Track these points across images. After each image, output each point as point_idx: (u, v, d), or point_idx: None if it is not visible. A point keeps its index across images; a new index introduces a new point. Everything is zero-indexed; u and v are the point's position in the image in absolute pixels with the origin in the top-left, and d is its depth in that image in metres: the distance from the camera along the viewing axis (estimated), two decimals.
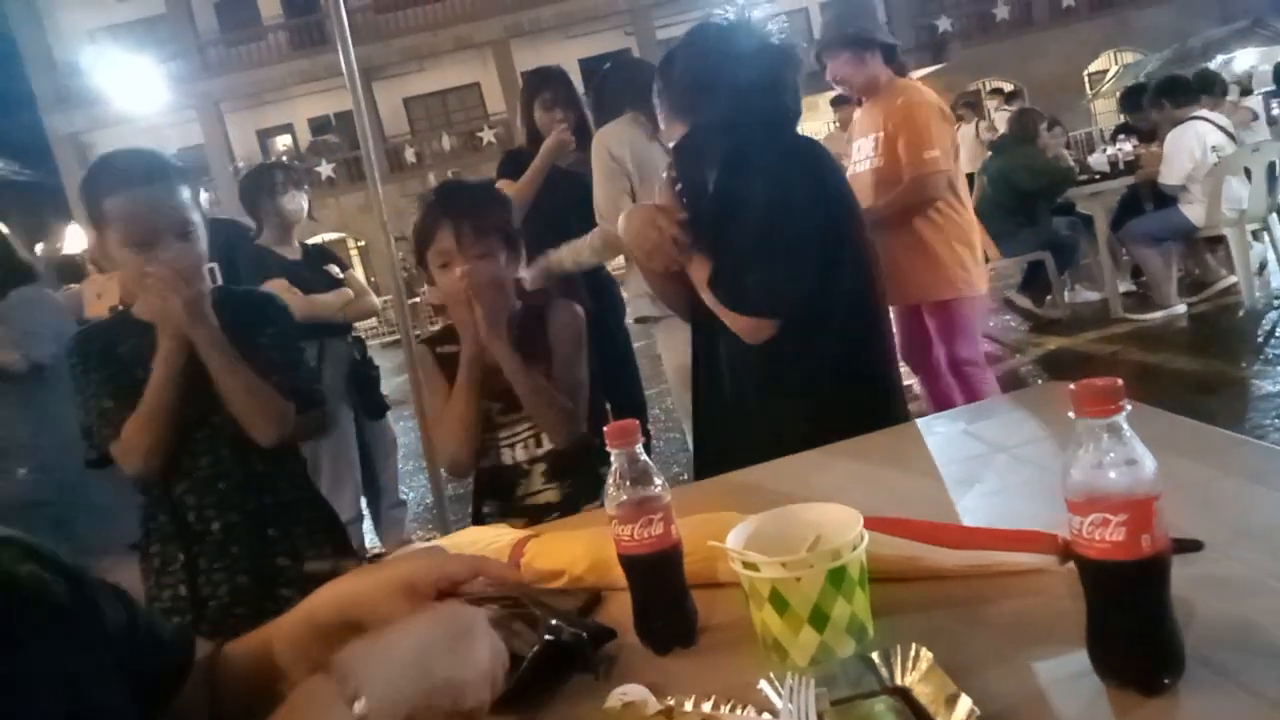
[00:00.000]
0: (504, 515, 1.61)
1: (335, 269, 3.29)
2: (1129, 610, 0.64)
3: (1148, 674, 0.64)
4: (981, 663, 0.72)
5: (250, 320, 1.64)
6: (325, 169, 20.40)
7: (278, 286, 2.81)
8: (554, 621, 0.84)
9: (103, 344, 1.61)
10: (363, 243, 12.51)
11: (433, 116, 22.69)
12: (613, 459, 0.85)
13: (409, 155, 21.04)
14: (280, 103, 21.76)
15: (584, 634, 0.85)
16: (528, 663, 0.81)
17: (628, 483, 0.84)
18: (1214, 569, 0.78)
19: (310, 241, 3.50)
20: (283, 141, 22.89)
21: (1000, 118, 13.64)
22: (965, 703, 0.64)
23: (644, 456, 0.85)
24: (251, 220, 3.25)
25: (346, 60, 2.95)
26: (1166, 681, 0.63)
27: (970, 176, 7.85)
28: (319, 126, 22.36)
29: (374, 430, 3.39)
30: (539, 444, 1.63)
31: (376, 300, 3.56)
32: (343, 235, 19.06)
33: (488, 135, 21.11)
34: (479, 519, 1.65)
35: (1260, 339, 4.63)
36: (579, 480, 1.64)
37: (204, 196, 1.85)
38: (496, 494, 1.66)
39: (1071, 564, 0.70)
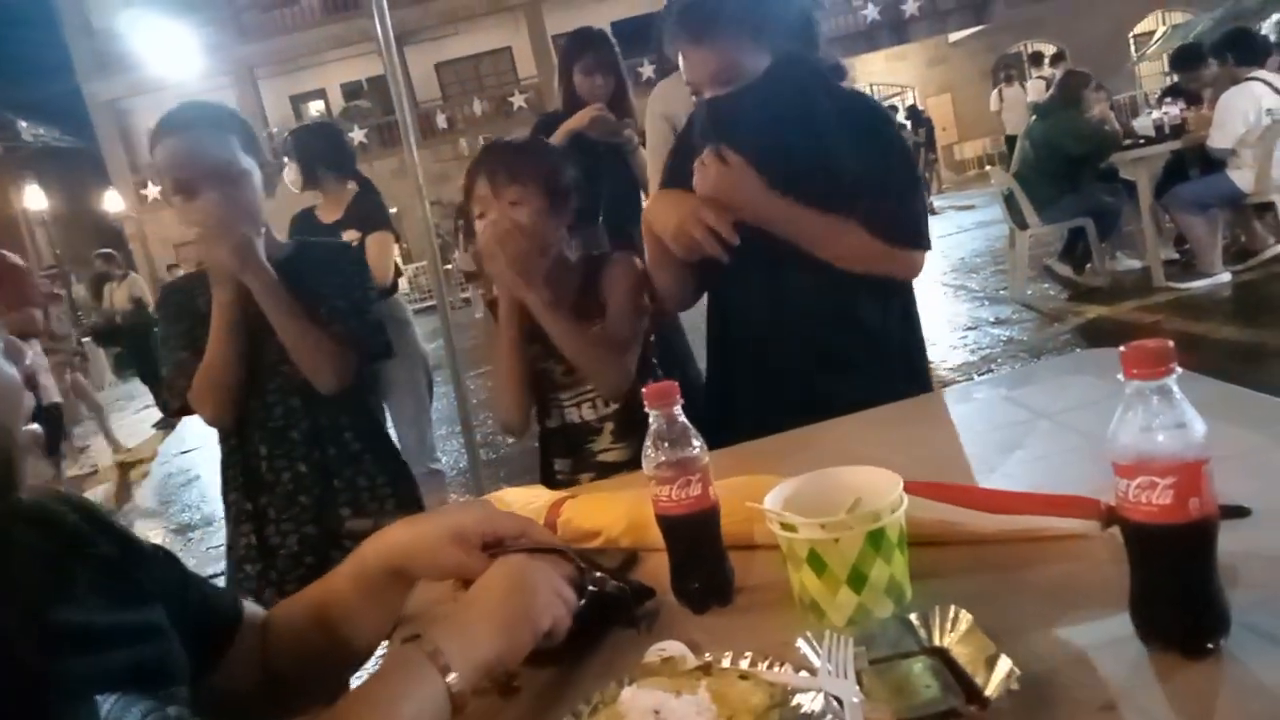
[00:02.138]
0: (575, 473, 1.62)
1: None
2: (1174, 574, 0.64)
3: (1192, 637, 0.64)
4: (1022, 626, 0.72)
5: (321, 270, 1.66)
6: (358, 134, 20.46)
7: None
8: (598, 574, 0.85)
9: (183, 296, 1.66)
10: (395, 209, 12.60)
11: (464, 81, 22.62)
12: (651, 419, 0.85)
13: (440, 120, 21.00)
14: (313, 68, 21.80)
15: (626, 588, 0.86)
16: (574, 614, 0.82)
17: (666, 444, 0.84)
18: (1261, 536, 0.77)
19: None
20: (315, 107, 22.96)
21: (1035, 85, 13.36)
22: (1005, 663, 0.64)
23: (683, 418, 0.85)
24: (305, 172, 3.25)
25: (382, 24, 2.95)
26: (1210, 646, 0.63)
27: (1012, 140, 7.67)
28: (351, 92, 22.39)
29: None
30: (607, 403, 1.62)
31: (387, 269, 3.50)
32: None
33: (519, 100, 21.01)
34: (548, 478, 1.65)
35: None
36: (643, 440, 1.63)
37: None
38: (568, 452, 1.66)
39: (1114, 530, 0.69)
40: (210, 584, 0.86)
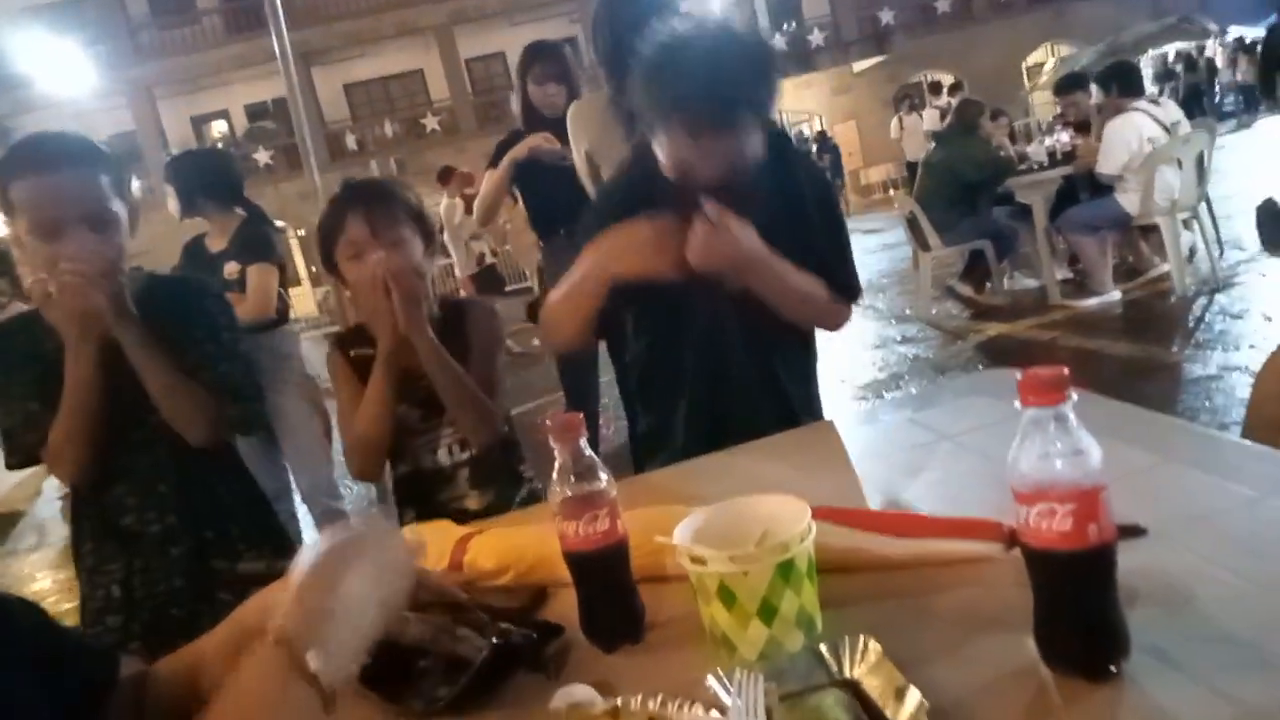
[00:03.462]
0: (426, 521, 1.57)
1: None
2: (1075, 599, 0.64)
3: (1093, 661, 0.64)
4: (929, 653, 0.72)
5: (181, 311, 1.55)
6: (263, 156, 19.92)
7: None
8: (503, 625, 0.81)
9: (23, 340, 1.50)
10: (302, 232, 12.25)
11: (375, 103, 22.31)
12: (556, 454, 0.82)
13: (350, 142, 20.65)
14: (216, 88, 21.19)
15: (534, 634, 0.82)
16: (477, 667, 0.79)
17: (572, 478, 0.82)
18: (1157, 555, 0.78)
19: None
20: (218, 128, 22.30)
21: (932, 114, 13.92)
22: (914, 694, 0.64)
23: (589, 451, 0.83)
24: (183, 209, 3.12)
25: (280, 44, 2.87)
26: (1112, 668, 0.64)
27: (913, 165, 7.95)
28: (256, 113, 21.82)
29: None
30: (463, 448, 1.59)
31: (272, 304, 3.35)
32: (282, 224, 18.67)
33: (431, 123, 20.83)
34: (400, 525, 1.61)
35: (1191, 324, 4.77)
36: (502, 486, 1.61)
37: (135, 185, 1.75)
38: (417, 500, 1.61)
39: (1017, 551, 0.70)
40: (84, 639, 0.81)
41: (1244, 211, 6.84)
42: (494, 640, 0.79)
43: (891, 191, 11.40)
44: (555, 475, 0.82)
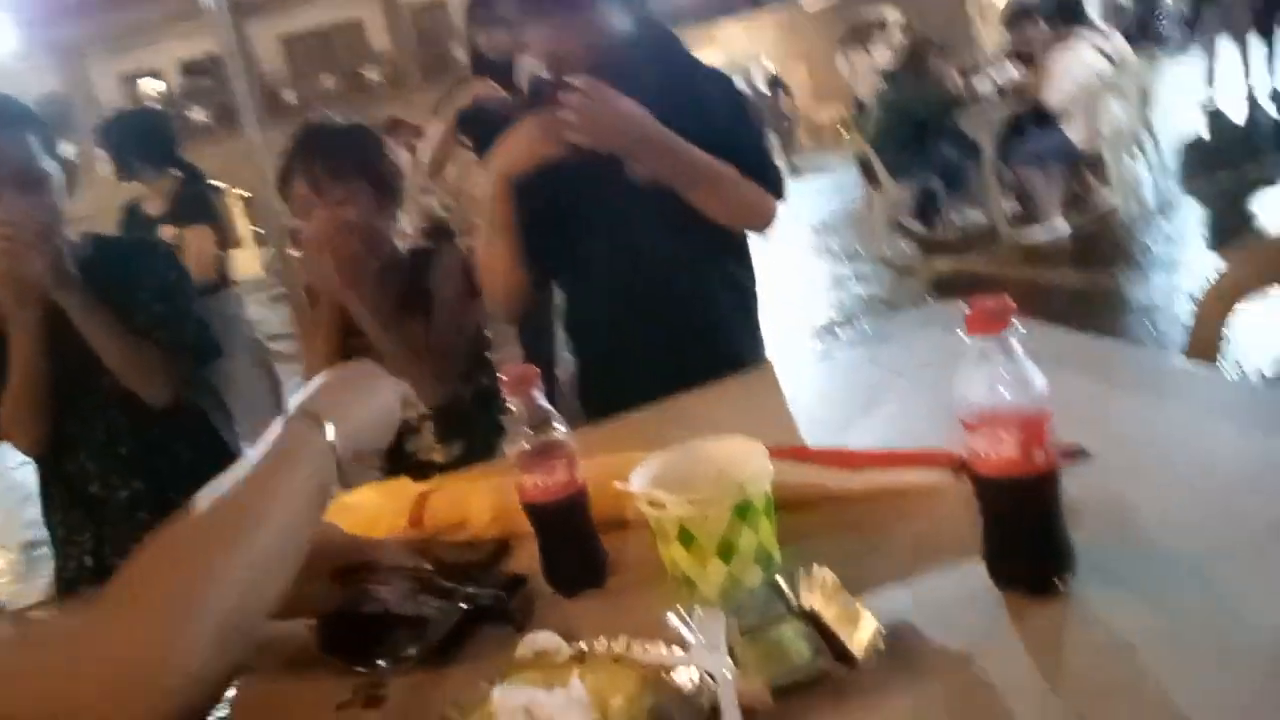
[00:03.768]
0: (392, 473, 1.55)
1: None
2: (1022, 522, 0.66)
3: (1041, 580, 0.66)
4: (884, 580, 0.74)
5: (129, 270, 1.52)
6: (201, 115, 19.28)
7: None
8: (469, 590, 0.81)
9: None
10: (246, 192, 11.94)
11: (314, 56, 21.62)
12: (512, 407, 0.82)
13: (290, 98, 20.05)
14: (147, 45, 20.37)
15: (501, 593, 0.83)
16: (447, 629, 0.79)
17: (528, 430, 0.82)
18: (1101, 476, 0.81)
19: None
20: (153, 86, 21.50)
21: (881, 52, 13.84)
22: (870, 620, 0.66)
23: (544, 403, 0.83)
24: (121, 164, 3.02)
25: None
26: (1059, 586, 0.66)
27: (863, 104, 7.93)
28: (192, 69, 21.05)
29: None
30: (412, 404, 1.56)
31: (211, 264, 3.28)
32: (223, 185, 18.19)
33: (373, 74, 20.27)
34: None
35: (1137, 252, 4.87)
36: (475, 438, 1.58)
37: (70, 149, 1.69)
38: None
39: (966, 479, 0.71)
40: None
41: (1188, 144, 6.95)
42: (462, 605, 0.80)
43: (842, 130, 11.37)
44: (512, 428, 0.82)
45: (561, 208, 1.40)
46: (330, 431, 0.72)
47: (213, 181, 3.28)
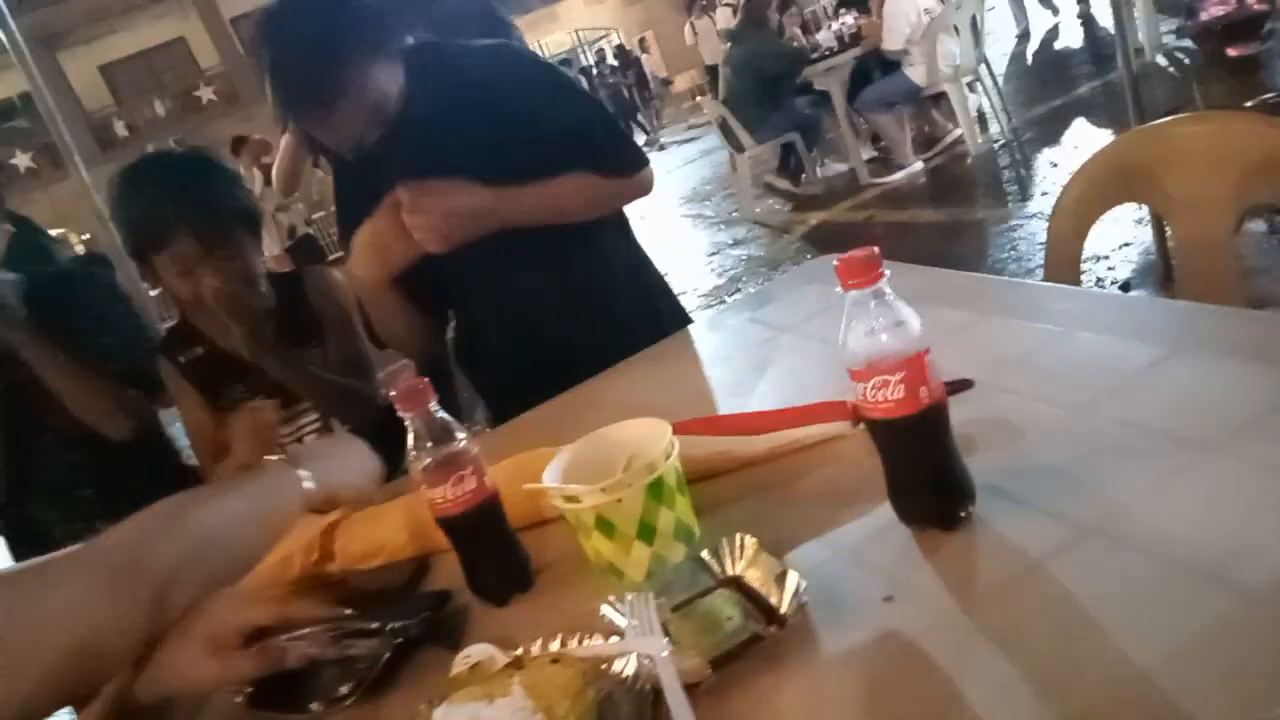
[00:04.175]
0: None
1: None
2: (918, 459, 0.69)
3: (944, 511, 0.69)
4: (800, 536, 0.76)
5: (71, 305, 1.45)
6: (22, 160, 17.98)
7: None
8: (393, 625, 0.79)
9: None
10: (87, 235, 11.16)
11: (139, 81, 20.43)
12: (408, 423, 0.80)
13: (120, 128, 18.91)
14: None
15: (428, 615, 0.81)
16: (380, 666, 0.77)
17: (429, 444, 0.80)
18: (986, 402, 0.85)
19: None
20: None
21: (723, 13, 14.02)
22: (793, 577, 0.67)
23: (441, 413, 0.81)
24: None
25: (7, 33, 2.56)
26: (962, 515, 0.69)
27: (713, 69, 8.01)
28: (3, 112, 19.56)
29: None
30: (326, 432, 1.50)
31: None
32: (62, 231, 17.03)
33: (206, 93, 19.31)
34: None
35: (988, 181, 5.11)
36: (384, 456, 1.55)
37: None
38: None
39: (863, 425, 0.74)
40: None
41: (1022, 72, 7.32)
42: (393, 640, 0.78)
43: (699, 99, 11.51)
44: (412, 443, 0.80)
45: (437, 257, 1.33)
46: (303, 476, 0.95)
47: (47, 230, 3.07)
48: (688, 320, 1.56)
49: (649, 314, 1.52)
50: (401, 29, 1.31)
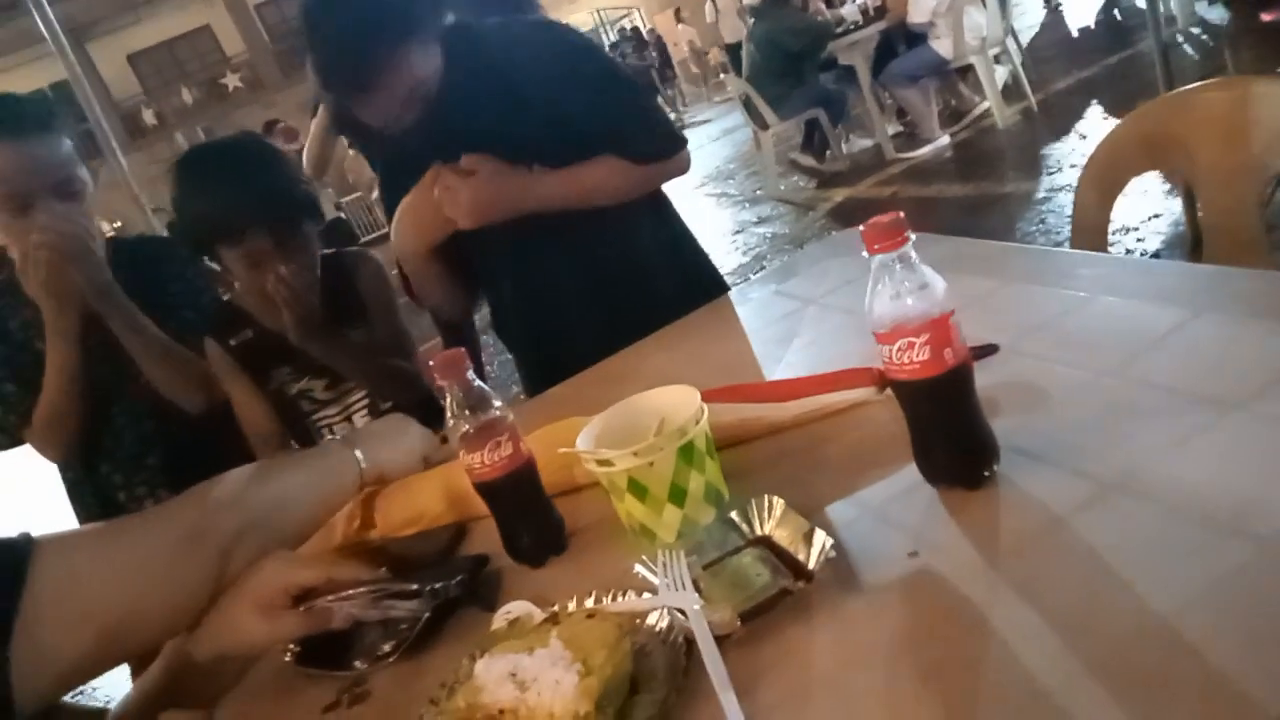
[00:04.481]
0: None
1: None
2: (943, 419, 0.71)
3: (970, 471, 0.71)
4: (827, 497, 0.78)
5: (158, 276, 1.47)
6: None
7: None
8: (432, 586, 0.82)
9: None
10: (119, 224, 11.41)
11: (165, 70, 20.63)
12: (447, 391, 0.83)
13: (148, 117, 19.11)
14: None
15: (466, 577, 0.84)
16: (420, 624, 0.80)
17: (467, 411, 0.83)
18: (1011, 366, 0.86)
19: None
20: None
21: None
22: (820, 536, 0.69)
23: (477, 381, 0.84)
24: None
25: (46, 22, 2.61)
26: (986, 474, 0.70)
27: (734, 47, 7.95)
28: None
29: None
30: (374, 411, 1.54)
31: None
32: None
33: (233, 80, 19.45)
34: None
35: (1016, 154, 5.06)
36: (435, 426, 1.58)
37: None
38: None
39: (889, 391, 0.75)
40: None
41: (1050, 44, 7.20)
42: (432, 600, 0.81)
43: (722, 76, 11.43)
44: (451, 411, 0.83)
45: (461, 234, 1.37)
46: (359, 455, 1.01)
47: None
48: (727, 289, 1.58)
49: (685, 292, 1.52)
50: (442, 9, 1.33)
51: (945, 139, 5.68)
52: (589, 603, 0.75)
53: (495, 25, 1.43)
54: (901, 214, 0.66)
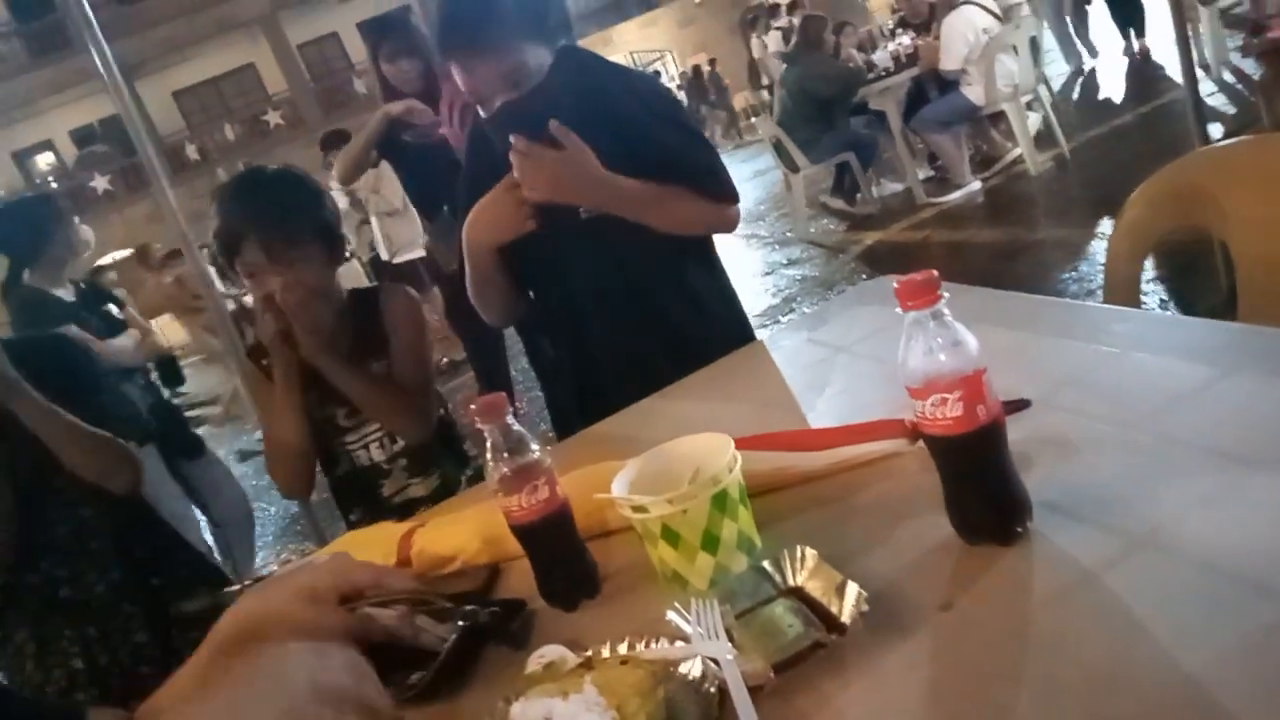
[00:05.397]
0: (374, 519, 1.56)
1: (114, 308, 3.05)
2: (976, 475, 0.72)
3: (1002, 526, 0.72)
4: (860, 548, 0.79)
5: (52, 370, 1.48)
6: (100, 182, 18.74)
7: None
8: (467, 608, 0.84)
9: None
10: (160, 247, 11.73)
11: (209, 107, 21.20)
12: (486, 434, 0.85)
13: (191, 152, 19.60)
14: (33, 118, 19.74)
15: (499, 609, 0.85)
16: (448, 649, 0.81)
17: (505, 454, 0.85)
18: (1043, 420, 0.87)
19: (78, 278, 3.14)
20: (45, 160, 20.82)
21: (774, 36, 14.02)
22: (853, 588, 0.70)
23: (517, 426, 0.86)
24: (14, 259, 2.90)
25: (103, 61, 2.71)
26: (1019, 530, 0.71)
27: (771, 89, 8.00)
28: (83, 137, 20.44)
29: (196, 468, 3.16)
30: (394, 440, 1.56)
31: (162, 338, 3.33)
32: (132, 251, 17.69)
33: (274, 118, 19.93)
34: (350, 528, 1.59)
35: (1047, 201, 5.05)
36: (446, 469, 1.60)
37: None
38: (360, 499, 1.59)
39: (921, 443, 0.76)
40: (43, 701, 0.80)
41: (1082, 91, 7.21)
42: (460, 623, 0.82)
43: (753, 119, 11.56)
44: (490, 454, 0.85)
45: (526, 240, 1.44)
46: None
47: (123, 249, 3.23)
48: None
49: (720, 339, 1.55)
50: (559, 26, 1.44)
51: (976, 184, 5.69)
52: (622, 648, 0.76)
53: (601, 60, 1.55)
54: (935, 272, 0.68)
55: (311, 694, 0.62)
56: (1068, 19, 7.97)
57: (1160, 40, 7.06)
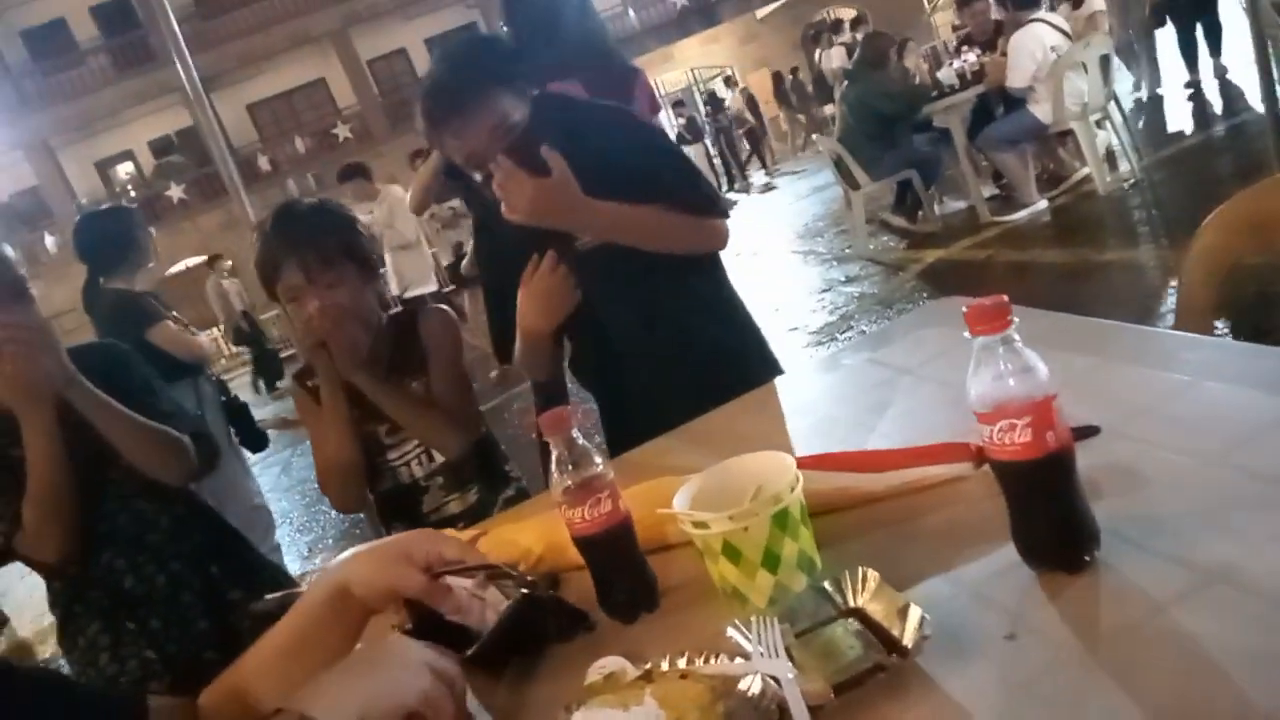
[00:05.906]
0: None
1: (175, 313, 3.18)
2: (1044, 502, 0.71)
3: (1069, 555, 0.71)
4: (922, 572, 0.78)
5: (106, 373, 1.53)
6: (175, 191, 19.40)
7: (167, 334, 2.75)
8: (529, 577, 0.87)
9: None
10: (229, 263, 12.12)
11: (281, 120, 21.82)
12: (552, 448, 0.87)
13: (263, 163, 20.20)
14: (115, 129, 20.54)
15: (556, 595, 0.88)
16: (506, 613, 0.84)
17: (570, 467, 0.87)
18: (1113, 449, 0.86)
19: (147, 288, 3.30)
20: (125, 170, 21.64)
21: (838, 51, 13.96)
22: (915, 611, 0.70)
23: (581, 440, 0.88)
24: (94, 267, 3.04)
25: (187, 73, 2.83)
26: (1087, 559, 0.70)
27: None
28: (161, 148, 21.21)
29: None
30: (431, 458, 1.61)
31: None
32: (205, 258, 18.29)
33: (343, 131, 20.44)
34: None
35: (1115, 222, 4.94)
36: (483, 487, 1.64)
37: (49, 240, 1.74)
38: (401, 515, 1.64)
39: (987, 468, 0.76)
40: (104, 690, 0.83)
41: (1154, 110, 7.04)
42: (522, 590, 0.85)
43: (814, 136, 11.51)
44: (555, 467, 0.87)
45: None
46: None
47: (196, 257, 3.35)
48: (777, 366, 1.63)
49: (735, 355, 1.60)
50: (529, 77, 1.49)
51: (1043, 203, 5.58)
52: (681, 662, 0.76)
53: (579, 101, 1.64)
54: (1005, 297, 0.68)
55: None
56: (1132, 38, 7.79)
57: (1239, 61, 6.86)
